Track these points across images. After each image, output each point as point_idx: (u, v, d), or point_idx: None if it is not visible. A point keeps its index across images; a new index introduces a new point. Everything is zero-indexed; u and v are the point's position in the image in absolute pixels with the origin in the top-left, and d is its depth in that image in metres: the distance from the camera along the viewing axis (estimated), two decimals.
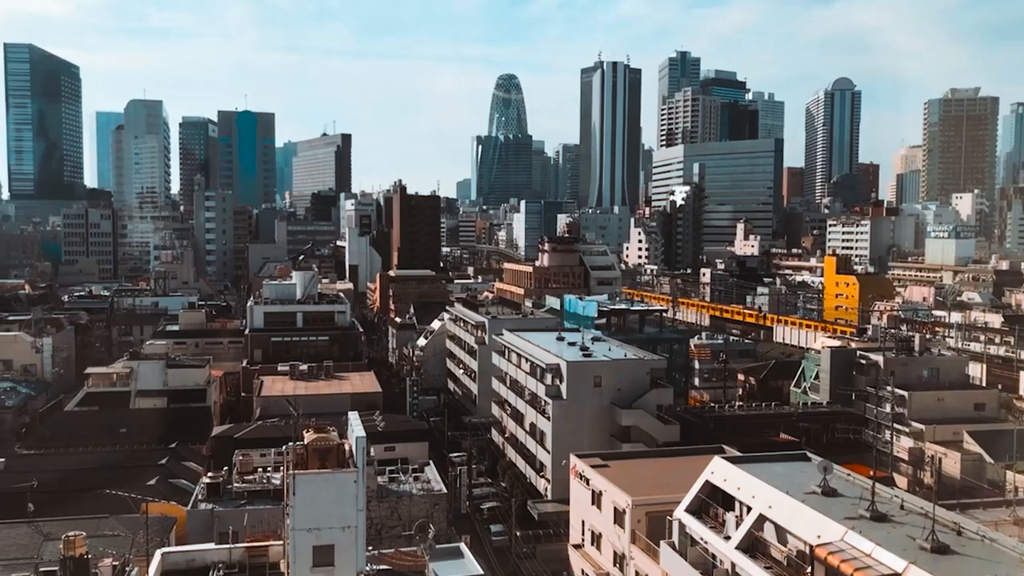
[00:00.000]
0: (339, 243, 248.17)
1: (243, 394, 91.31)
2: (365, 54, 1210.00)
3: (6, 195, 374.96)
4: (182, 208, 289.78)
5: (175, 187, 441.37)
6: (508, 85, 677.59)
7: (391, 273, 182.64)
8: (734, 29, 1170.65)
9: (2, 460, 66.48)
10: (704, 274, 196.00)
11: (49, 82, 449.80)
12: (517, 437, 74.78)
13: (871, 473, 39.75)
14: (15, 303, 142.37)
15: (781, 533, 33.98)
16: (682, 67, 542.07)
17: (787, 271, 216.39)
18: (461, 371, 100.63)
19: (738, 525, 36.17)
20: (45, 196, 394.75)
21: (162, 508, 51.16)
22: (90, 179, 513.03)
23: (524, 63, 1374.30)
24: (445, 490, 55.37)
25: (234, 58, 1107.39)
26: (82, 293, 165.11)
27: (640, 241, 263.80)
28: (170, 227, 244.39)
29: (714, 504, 38.79)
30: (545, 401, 67.59)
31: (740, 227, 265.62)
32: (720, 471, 39.41)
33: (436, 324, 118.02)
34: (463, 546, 43.21)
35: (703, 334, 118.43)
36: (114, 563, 39.21)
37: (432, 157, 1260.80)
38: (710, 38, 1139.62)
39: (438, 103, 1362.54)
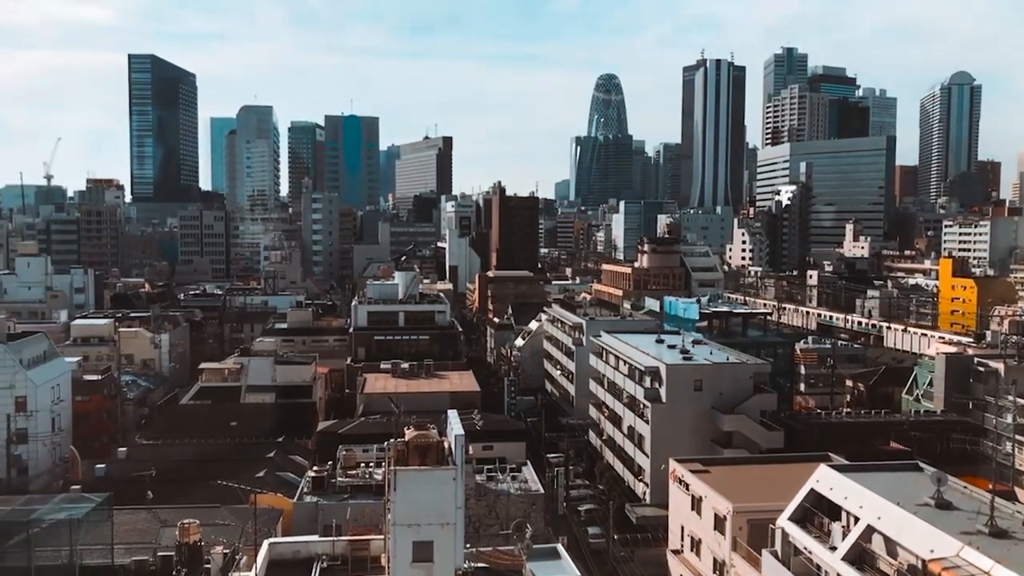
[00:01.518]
0: (440, 244, 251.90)
1: (347, 391, 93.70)
2: (468, 56, 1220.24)
3: (128, 198, 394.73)
4: (291, 210, 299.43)
5: (284, 190, 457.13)
6: (608, 85, 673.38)
7: (490, 274, 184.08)
8: (843, 24, 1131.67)
9: (124, 449, 70.22)
10: (811, 276, 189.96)
11: (168, 90, 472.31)
12: (615, 439, 74.22)
13: (990, 486, 37.69)
14: (136, 301, 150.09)
15: (891, 546, 32.62)
16: (788, 64, 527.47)
17: (899, 274, 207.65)
18: (558, 372, 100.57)
19: (845, 536, 34.93)
20: (163, 199, 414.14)
21: (270, 500, 52.93)
22: (205, 182, 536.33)
23: (625, 62, 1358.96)
24: (542, 490, 55.43)
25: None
26: (197, 292, 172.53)
27: (744, 242, 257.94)
28: (279, 228, 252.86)
29: (819, 513, 37.57)
30: (644, 404, 66.83)
31: (849, 228, 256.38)
32: (826, 479, 38.14)
33: (533, 325, 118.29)
34: (560, 547, 43.12)
35: (809, 338, 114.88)
36: (225, 551, 40.81)
37: (531, 158, 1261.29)
38: (819, 34, 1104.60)
39: (539, 104, 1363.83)
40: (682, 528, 51.13)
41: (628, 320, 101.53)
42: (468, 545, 36.16)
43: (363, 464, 57.08)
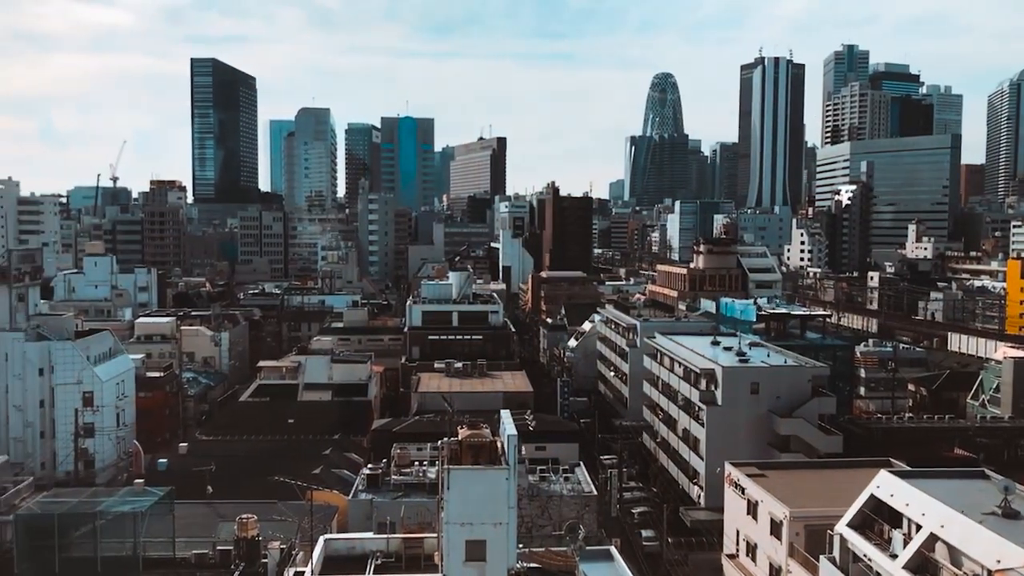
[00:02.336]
0: (493, 244, 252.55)
1: (401, 389, 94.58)
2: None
3: (190, 199, 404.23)
4: (347, 211, 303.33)
5: (341, 190, 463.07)
6: (664, 84, 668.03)
7: (543, 274, 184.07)
8: (907, 20, 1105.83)
9: (184, 445, 71.91)
10: (872, 278, 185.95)
11: (229, 93, 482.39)
12: (669, 442, 73.57)
13: None
14: (197, 300, 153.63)
15: (955, 555, 31.73)
16: (849, 61, 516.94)
17: (964, 275, 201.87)
18: (612, 373, 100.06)
19: (906, 543, 34.09)
20: (224, 200, 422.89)
21: (325, 496, 53.70)
22: (264, 183, 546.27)
23: (681, 61, 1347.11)
24: (595, 492, 55.23)
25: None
26: (256, 291, 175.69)
27: (802, 243, 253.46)
28: (336, 229, 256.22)
29: (879, 520, 36.73)
30: (699, 407, 66.12)
31: (912, 228, 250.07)
32: (887, 485, 37.27)
33: (587, 325, 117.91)
34: (613, 549, 42.88)
35: (870, 341, 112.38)
36: (281, 546, 41.56)
37: (586, 158, 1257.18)
38: (882, 30, 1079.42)
39: (594, 104, 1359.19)
40: (737, 532, 50.45)
41: (683, 322, 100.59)
42: (521, 545, 36.17)
43: (417, 462, 57.59)
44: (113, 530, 40.75)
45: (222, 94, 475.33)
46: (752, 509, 48.08)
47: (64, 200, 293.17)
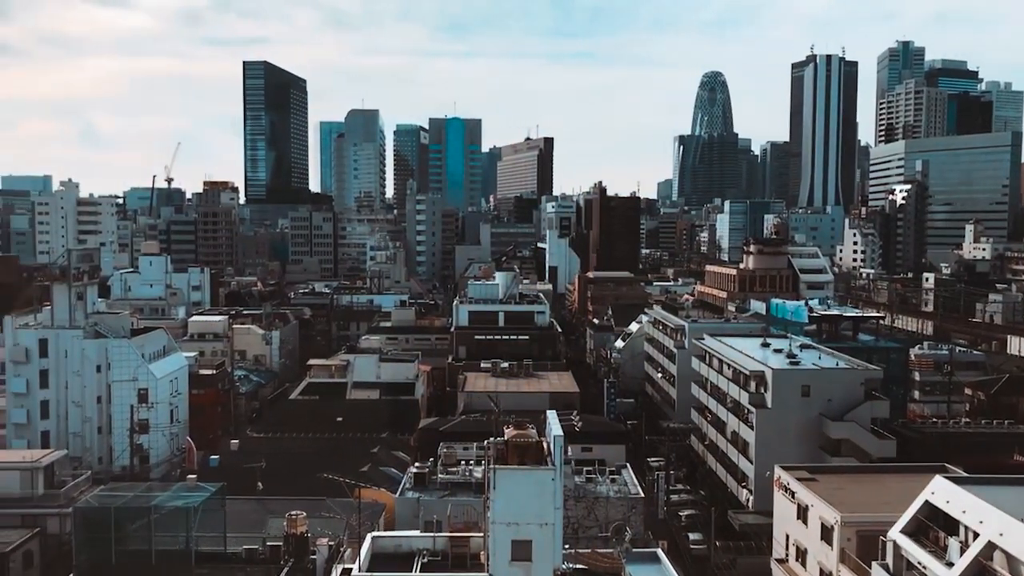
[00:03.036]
0: (540, 245, 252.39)
1: (448, 389, 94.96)
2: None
3: (242, 200, 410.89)
4: (395, 211, 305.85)
5: (389, 191, 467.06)
6: (713, 83, 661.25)
7: (590, 274, 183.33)
8: (966, 15, 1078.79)
9: (236, 441, 73.14)
10: (927, 279, 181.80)
11: (280, 95, 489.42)
12: (718, 445, 72.79)
13: None
14: (249, 299, 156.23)
15: (1015, 564, 30.84)
16: (904, 57, 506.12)
17: None
18: (659, 375, 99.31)
19: (963, 552, 33.23)
20: (275, 201, 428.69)
21: (373, 494, 54.18)
22: (314, 184, 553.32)
23: (731, 59, 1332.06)
24: (642, 494, 54.92)
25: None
26: (306, 290, 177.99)
27: (855, 243, 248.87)
28: (384, 229, 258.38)
29: (934, 527, 35.87)
30: (748, 409, 65.31)
31: (970, 228, 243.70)
32: (943, 491, 36.38)
33: (634, 326, 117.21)
34: (660, 552, 42.58)
35: (925, 343, 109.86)
36: (330, 543, 41.99)
37: (633, 158, 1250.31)
38: (937, 25, 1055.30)
39: (630, 102, 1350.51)
40: (787, 537, 49.71)
41: (732, 323, 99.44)
42: (567, 546, 36.11)
43: (463, 462, 57.78)
44: (167, 524, 41.59)
45: (273, 96, 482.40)
46: (802, 513, 47.35)
47: (121, 201, 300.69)
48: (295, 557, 41.15)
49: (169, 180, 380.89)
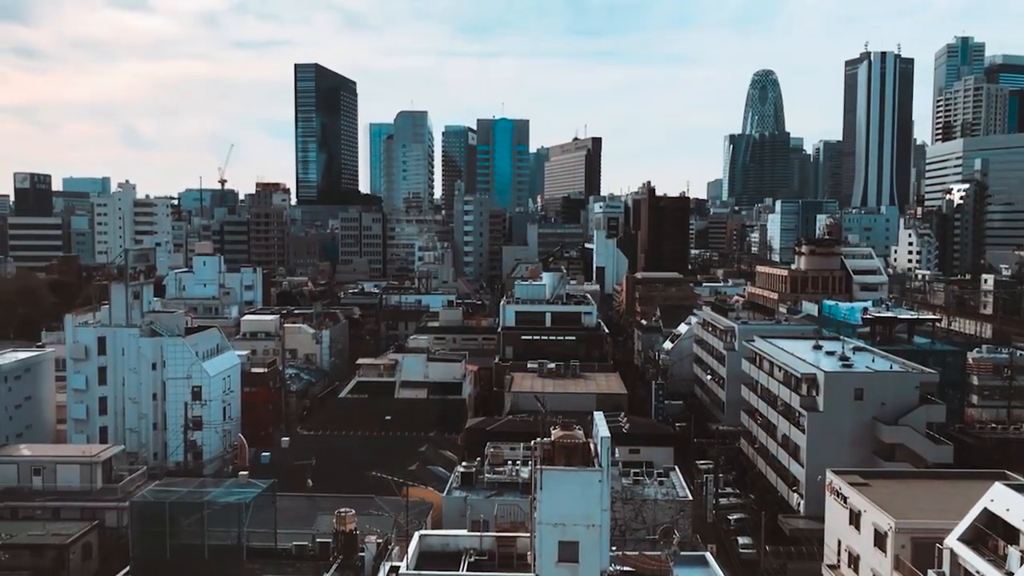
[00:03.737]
0: (587, 245, 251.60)
1: (495, 389, 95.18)
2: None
3: (294, 201, 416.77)
4: (443, 212, 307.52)
5: (437, 192, 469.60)
6: (764, 81, 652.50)
7: (638, 275, 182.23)
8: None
9: (287, 439, 74.19)
10: (986, 280, 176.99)
11: (330, 98, 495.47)
12: (768, 448, 71.79)
13: None
14: (300, 298, 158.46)
15: None
16: (963, 53, 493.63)
17: None
18: (708, 377, 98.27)
19: (1023, 561, 32.32)
20: (325, 202, 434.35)
21: (420, 493, 54.48)
22: (364, 186, 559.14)
23: (782, 57, 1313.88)
24: (691, 497, 54.42)
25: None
26: (355, 290, 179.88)
27: (910, 244, 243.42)
28: (432, 230, 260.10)
29: (993, 535, 34.92)
30: (799, 413, 64.31)
31: None
32: (1002, 499, 35.40)
33: (683, 328, 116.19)
34: (708, 555, 42.14)
35: (983, 346, 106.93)
36: (378, 541, 42.36)
37: (683, 158, 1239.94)
38: (1001, 20, 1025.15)
39: (691, 102, 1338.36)
40: (839, 543, 48.84)
41: (784, 325, 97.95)
42: (614, 548, 35.95)
43: (510, 461, 57.86)
44: (219, 519, 42.31)
45: (324, 99, 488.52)
46: (855, 519, 46.49)
47: (176, 202, 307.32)
48: (344, 554, 41.55)
49: (223, 182, 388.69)
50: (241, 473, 60.92)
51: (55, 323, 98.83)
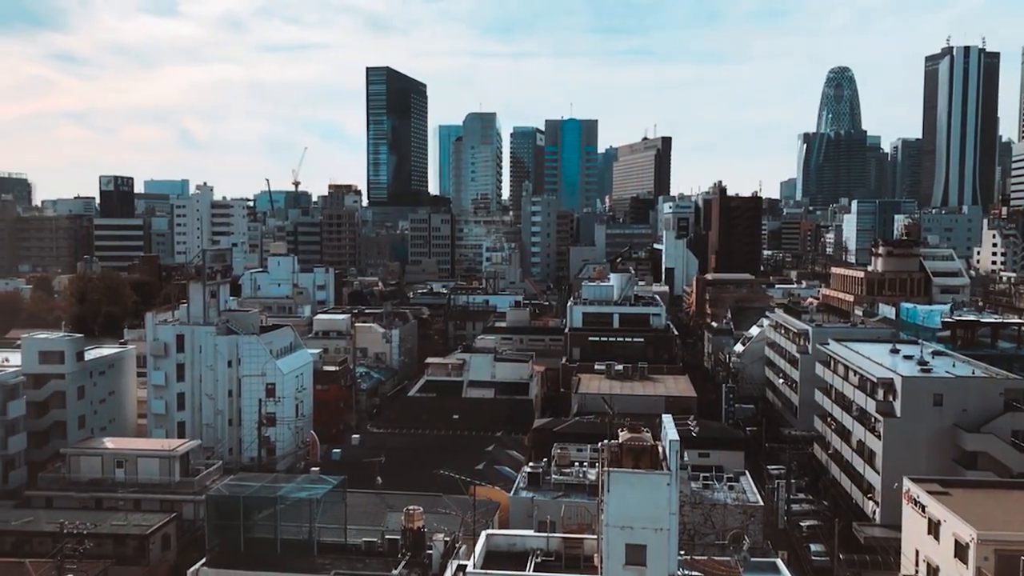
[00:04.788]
0: (656, 246, 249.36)
1: (562, 390, 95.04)
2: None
3: (365, 202, 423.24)
4: (511, 213, 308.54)
5: (505, 193, 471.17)
6: (840, 79, 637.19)
7: (708, 276, 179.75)
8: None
9: (357, 436, 75.34)
10: None
11: (401, 100, 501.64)
12: (842, 454, 70.06)
13: None
14: (370, 298, 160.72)
15: None
16: None
17: None
18: (781, 380, 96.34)
19: None
20: (396, 203, 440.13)
21: (487, 492, 54.73)
22: (433, 187, 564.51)
23: (858, 53, 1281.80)
24: (761, 502, 53.47)
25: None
26: (424, 290, 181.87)
27: (994, 244, 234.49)
28: (500, 230, 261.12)
29: None
30: (875, 418, 62.57)
31: None
32: None
33: (754, 330, 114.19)
34: (780, 562, 41.29)
35: None
36: (445, 539, 42.69)
37: (755, 157, 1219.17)
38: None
39: (764, 101, 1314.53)
40: (916, 553, 47.30)
41: (859, 328, 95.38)
42: (682, 552, 35.51)
43: (577, 463, 57.68)
44: (291, 514, 43.22)
45: (395, 101, 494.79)
46: (934, 529, 44.98)
47: (251, 203, 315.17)
48: (412, 551, 41.98)
49: (296, 183, 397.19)
50: (313, 469, 62.16)
51: (137, 321, 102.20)
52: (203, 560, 42.35)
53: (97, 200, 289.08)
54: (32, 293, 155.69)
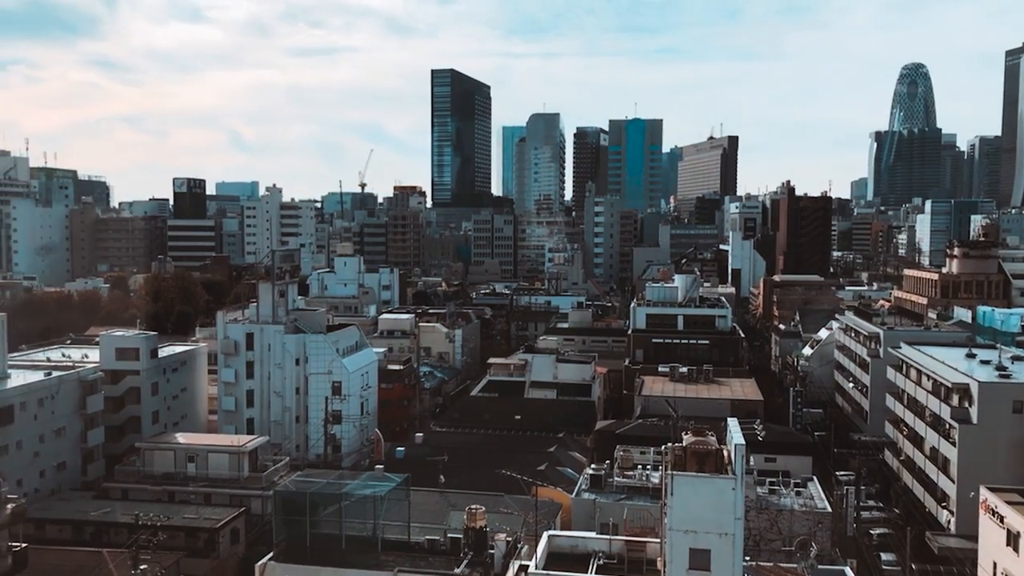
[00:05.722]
0: (722, 247, 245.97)
1: (624, 392, 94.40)
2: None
3: (429, 204, 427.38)
4: (574, 213, 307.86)
5: (568, 194, 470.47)
6: (914, 75, 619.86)
7: (776, 278, 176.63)
8: None
9: (420, 435, 76.01)
10: None
11: (465, 102, 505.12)
12: (915, 461, 68.07)
13: None
14: (434, 298, 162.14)
15: None
16: None
17: None
18: (850, 385, 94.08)
19: None
20: (459, 204, 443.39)
21: (549, 493, 54.67)
22: (496, 188, 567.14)
23: (931, 47, 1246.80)
24: (829, 509, 52.27)
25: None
26: (487, 291, 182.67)
27: None
28: (563, 231, 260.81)
29: None
30: (950, 425, 60.63)
31: None
32: None
33: (823, 333, 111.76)
34: (848, 570, 40.30)
35: None
36: (507, 539, 42.75)
37: (825, 156, 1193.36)
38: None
39: (833, 99, 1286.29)
40: (994, 565, 45.67)
41: (933, 331, 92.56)
42: (747, 558, 34.96)
43: (640, 466, 57.23)
44: (356, 511, 43.76)
45: (459, 103, 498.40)
46: (1013, 540, 43.37)
47: (319, 205, 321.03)
48: (474, 550, 42.17)
49: (362, 185, 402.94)
50: (377, 467, 62.86)
51: (208, 319, 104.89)
52: (270, 554, 43.18)
53: (171, 202, 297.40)
54: (110, 292, 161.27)
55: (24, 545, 46.08)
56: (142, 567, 41.79)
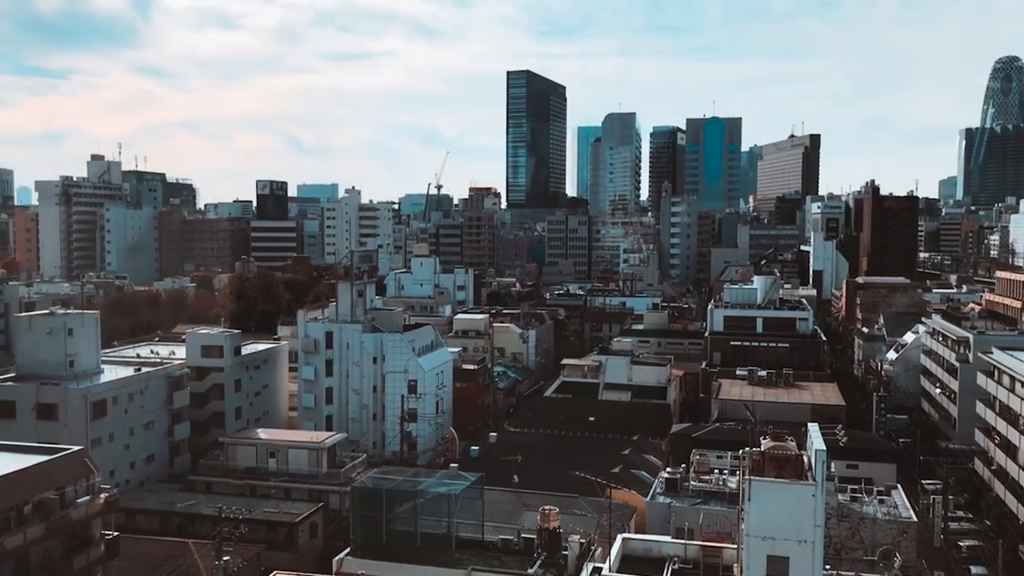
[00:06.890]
0: (803, 247, 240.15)
1: (701, 395, 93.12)
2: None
3: (504, 204, 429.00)
4: (650, 214, 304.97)
5: (644, 194, 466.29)
6: (1008, 70, 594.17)
7: (859, 280, 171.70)
8: None
9: (494, 434, 76.44)
10: None
11: (540, 103, 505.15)
12: (1007, 471, 65.26)
13: None
14: (508, 299, 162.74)
15: None
16: None
17: None
18: (938, 390, 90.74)
19: None
20: (533, 205, 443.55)
21: (624, 495, 54.29)
22: (571, 188, 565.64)
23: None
24: (915, 518, 50.51)
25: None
26: (561, 291, 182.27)
27: None
28: (638, 232, 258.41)
29: None
30: None
31: None
32: None
33: (909, 337, 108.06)
34: None
35: None
36: (581, 540, 42.61)
37: (912, 154, 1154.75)
38: None
39: (922, 96, 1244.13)
40: None
41: None
42: (828, 567, 34.05)
43: (716, 470, 56.32)
44: (431, 509, 44.20)
45: (534, 104, 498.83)
46: None
47: (396, 206, 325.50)
48: (548, 551, 42.16)
49: (439, 187, 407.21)
50: (452, 465, 63.45)
51: (289, 318, 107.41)
52: (347, 550, 43.93)
53: (254, 203, 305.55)
54: (195, 291, 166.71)
55: (116, 534, 47.97)
56: (225, 559, 43.01)
